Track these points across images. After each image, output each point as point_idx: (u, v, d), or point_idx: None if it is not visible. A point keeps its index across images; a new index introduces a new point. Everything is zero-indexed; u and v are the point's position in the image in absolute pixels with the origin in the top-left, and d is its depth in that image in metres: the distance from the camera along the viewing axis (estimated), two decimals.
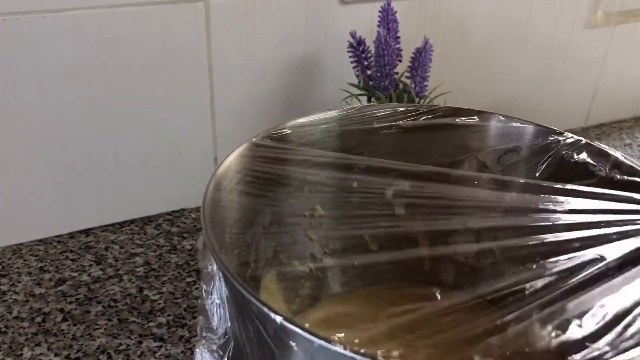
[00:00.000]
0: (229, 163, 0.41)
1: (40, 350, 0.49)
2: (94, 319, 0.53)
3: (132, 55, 0.59)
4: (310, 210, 0.49)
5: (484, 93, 0.82)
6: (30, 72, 0.55)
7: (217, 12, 0.61)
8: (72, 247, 0.62)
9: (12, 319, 0.53)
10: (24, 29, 0.54)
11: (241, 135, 0.45)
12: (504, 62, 0.81)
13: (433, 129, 0.49)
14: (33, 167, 0.59)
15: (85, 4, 0.55)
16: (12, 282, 0.57)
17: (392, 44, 0.61)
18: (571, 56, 0.85)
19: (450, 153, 0.49)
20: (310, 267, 0.49)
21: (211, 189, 0.38)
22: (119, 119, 0.61)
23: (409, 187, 0.49)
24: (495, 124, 0.49)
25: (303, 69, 0.68)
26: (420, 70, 0.63)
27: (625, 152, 0.85)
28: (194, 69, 0.62)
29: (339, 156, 0.48)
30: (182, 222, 0.67)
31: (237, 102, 0.66)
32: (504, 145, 0.49)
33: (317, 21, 0.66)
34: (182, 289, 0.57)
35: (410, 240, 0.50)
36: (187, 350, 0.50)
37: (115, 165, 0.63)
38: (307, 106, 0.70)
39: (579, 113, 0.92)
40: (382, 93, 0.63)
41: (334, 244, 0.50)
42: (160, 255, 0.61)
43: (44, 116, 0.57)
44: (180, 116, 0.64)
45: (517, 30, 0.80)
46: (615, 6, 0.85)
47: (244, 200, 0.43)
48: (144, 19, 0.58)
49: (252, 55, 0.64)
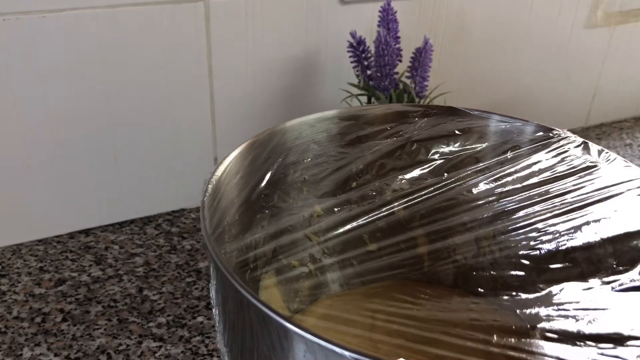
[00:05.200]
0: (229, 163, 0.41)
1: (40, 351, 0.50)
2: (93, 319, 0.53)
3: (132, 55, 0.59)
4: (309, 210, 0.49)
5: (484, 93, 0.82)
6: (30, 72, 0.55)
7: (217, 12, 0.61)
8: (72, 247, 0.62)
9: (12, 319, 0.53)
10: (24, 29, 0.54)
11: (241, 135, 0.45)
12: (504, 62, 0.81)
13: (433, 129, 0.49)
14: (33, 167, 0.59)
15: (85, 4, 0.55)
16: (12, 282, 0.57)
17: (392, 44, 0.61)
18: (571, 56, 0.85)
19: (450, 153, 0.49)
20: (309, 267, 0.49)
21: (211, 189, 0.38)
22: (119, 119, 0.61)
23: (408, 187, 0.49)
24: (495, 123, 0.49)
25: (303, 69, 0.68)
26: (420, 70, 0.63)
27: (625, 152, 0.86)
28: (194, 69, 0.62)
29: (339, 156, 0.48)
30: (182, 222, 0.67)
31: (237, 102, 0.66)
32: (503, 145, 0.49)
33: (317, 21, 0.66)
34: (182, 289, 0.57)
35: (409, 240, 0.50)
36: (187, 350, 0.50)
37: (115, 165, 0.63)
38: (307, 106, 0.70)
39: (579, 113, 0.92)
40: (382, 93, 0.63)
41: (333, 244, 0.50)
42: (160, 255, 0.61)
43: (44, 116, 0.57)
44: (180, 116, 0.64)
45: (517, 30, 0.80)
46: (615, 6, 0.85)
47: (243, 200, 0.43)
48: (144, 19, 0.58)
49: (252, 55, 0.64)
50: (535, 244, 0.47)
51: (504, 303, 0.48)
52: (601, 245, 0.44)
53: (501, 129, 0.48)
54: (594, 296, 0.43)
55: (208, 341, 0.51)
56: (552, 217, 0.46)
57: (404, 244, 0.50)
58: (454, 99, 0.66)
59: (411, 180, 0.49)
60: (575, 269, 0.45)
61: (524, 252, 0.48)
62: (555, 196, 0.46)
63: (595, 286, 0.43)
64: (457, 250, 0.50)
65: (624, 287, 0.42)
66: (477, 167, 0.49)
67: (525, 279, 0.48)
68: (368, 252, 0.51)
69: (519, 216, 0.47)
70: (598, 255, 0.44)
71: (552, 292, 0.45)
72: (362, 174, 0.49)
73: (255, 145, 0.44)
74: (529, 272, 0.47)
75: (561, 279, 0.45)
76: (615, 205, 0.44)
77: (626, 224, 0.43)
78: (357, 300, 0.49)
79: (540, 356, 0.42)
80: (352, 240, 0.50)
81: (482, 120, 0.49)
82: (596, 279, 0.43)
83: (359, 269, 0.51)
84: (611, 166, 0.45)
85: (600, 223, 0.44)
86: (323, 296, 0.50)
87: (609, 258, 0.43)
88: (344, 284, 0.51)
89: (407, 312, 0.46)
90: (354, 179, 0.49)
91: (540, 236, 0.47)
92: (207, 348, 0.50)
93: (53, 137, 0.59)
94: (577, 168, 0.46)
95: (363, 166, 0.49)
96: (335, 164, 0.49)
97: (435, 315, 0.46)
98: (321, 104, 0.70)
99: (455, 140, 0.49)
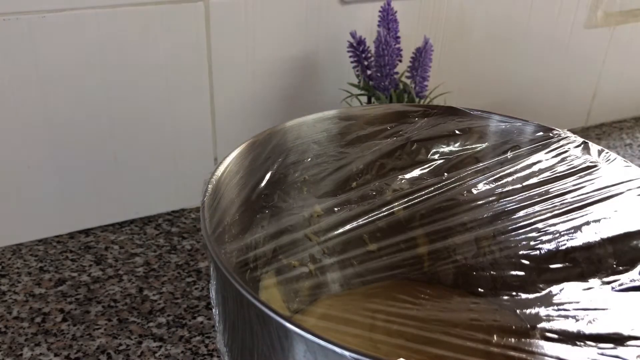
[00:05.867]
0: (229, 163, 0.41)
1: (40, 351, 0.50)
2: (93, 319, 0.53)
3: (132, 55, 0.59)
4: (309, 210, 0.49)
5: (484, 93, 0.82)
6: (30, 72, 0.55)
7: (217, 12, 0.61)
8: (72, 247, 0.62)
9: (12, 319, 0.53)
10: (24, 29, 0.54)
11: (241, 135, 0.45)
12: (504, 62, 0.81)
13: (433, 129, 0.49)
14: (33, 167, 0.59)
15: (85, 4, 0.55)
16: (12, 282, 0.57)
17: (392, 44, 0.61)
18: (571, 56, 0.85)
19: (450, 153, 0.49)
20: (309, 267, 0.50)
21: (211, 189, 0.38)
22: (119, 119, 0.61)
23: (408, 187, 0.49)
24: (495, 123, 0.49)
25: (303, 69, 0.68)
26: (420, 70, 0.63)
27: (625, 152, 0.86)
28: (194, 69, 0.62)
29: (339, 156, 0.48)
30: (182, 222, 0.67)
31: (237, 102, 0.66)
32: (503, 145, 0.49)
33: (317, 21, 0.66)
34: (182, 289, 0.57)
35: (409, 239, 0.50)
36: (187, 351, 0.50)
37: (115, 165, 0.63)
38: (307, 106, 0.70)
39: (579, 113, 0.92)
40: (382, 93, 0.63)
41: (333, 244, 0.50)
42: (160, 255, 0.61)
43: (44, 116, 0.57)
44: (180, 116, 0.64)
45: (517, 30, 0.80)
46: (615, 6, 0.85)
47: (243, 200, 0.43)
48: (144, 19, 0.58)
49: (252, 55, 0.64)
50: (535, 244, 0.47)
51: (504, 303, 0.48)
52: (601, 245, 0.44)
53: (501, 129, 0.48)
54: (594, 296, 0.43)
55: (208, 341, 0.51)
56: (552, 217, 0.46)
57: (404, 244, 0.50)
58: (454, 99, 0.66)
59: (411, 180, 0.49)
60: (575, 269, 0.45)
61: (524, 252, 0.48)
62: (555, 196, 0.46)
63: (595, 286, 0.43)
64: (457, 250, 0.50)
65: (624, 287, 0.42)
66: (477, 167, 0.49)
67: (525, 279, 0.48)
68: (368, 252, 0.51)
69: (519, 216, 0.47)
70: (598, 255, 0.44)
71: (552, 292, 0.45)
72: (362, 174, 0.49)
73: (255, 145, 0.44)
74: (529, 272, 0.47)
75: (561, 279, 0.45)
76: (615, 205, 0.43)
77: (626, 224, 0.43)
78: (357, 300, 0.49)
79: (540, 356, 0.42)
80: (352, 240, 0.50)
81: (482, 120, 0.49)
82: (596, 279, 0.43)
83: (359, 269, 0.51)
84: (611, 166, 0.45)
85: (600, 223, 0.44)
86: (323, 296, 0.50)
87: (609, 258, 0.43)
88: (344, 284, 0.51)
89: (407, 312, 0.46)
90: (354, 179, 0.49)
91: (540, 236, 0.47)
92: (207, 348, 0.50)
93: (53, 137, 0.59)
94: (577, 168, 0.46)
95: (363, 166, 0.49)
96: (335, 164, 0.49)
97: (435, 315, 0.46)
98: (321, 104, 0.70)
99: (455, 140, 0.49)
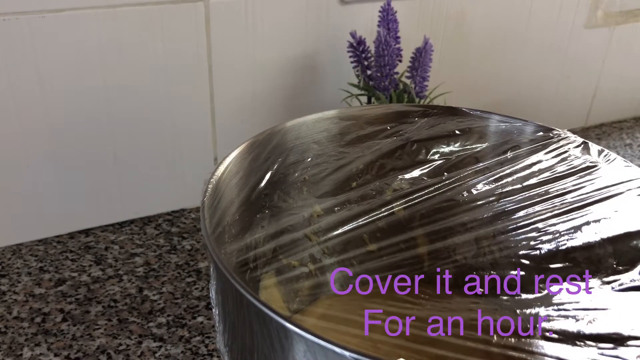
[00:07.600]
0: (229, 163, 0.41)
1: (40, 351, 0.50)
2: (93, 319, 0.53)
3: (132, 55, 0.59)
4: (309, 210, 0.49)
5: (484, 93, 0.82)
6: (30, 72, 0.55)
7: (217, 12, 0.61)
8: (72, 247, 0.62)
9: (12, 319, 0.53)
10: (24, 29, 0.54)
11: (241, 135, 0.45)
12: (504, 62, 0.81)
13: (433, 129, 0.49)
14: (33, 166, 0.59)
15: (85, 4, 0.55)
16: (12, 283, 0.57)
17: (392, 44, 0.61)
18: (571, 56, 0.85)
19: (450, 153, 0.49)
20: (309, 267, 0.50)
21: (211, 189, 0.38)
22: (119, 119, 0.61)
23: (408, 187, 0.49)
24: (495, 123, 0.49)
25: (303, 69, 0.68)
26: (420, 70, 0.63)
27: (625, 152, 0.86)
28: (194, 69, 0.62)
29: (338, 156, 0.48)
30: (182, 222, 0.67)
31: (237, 102, 0.66)
32: (503, 145, 0.49)
33: (317, 21, 0.66)
34: (182, 289, 0.57)
35: (409, 239, 0.50)
36: (187, 351, 0.50)
37: (115, 165, 0.63)
38: (307, 106, 0.70)
39: (579, 113, 0.92)
40: (382, 93, 0.63)
41: (333, 244, 0.50)
42: (160, 255, 0.61)
43: (44, 116, 0.57)
44: (180, 116, 0.64)
45: (517, 30, 0.80)
46: (615, 6, 0.85)
47: (243, 200, 0.43)
48: (144, 19, 0.58)
49: (252, 55, 0.64)
50: (535, 244, 0.47)
51: (504, 303, 0.48)
52: (601, 245, 0.44)
53: (501, 129, 0.48)
54: (594, 296, 0.43)
55: (208, 341, 0.51)
56: (552, 217, 0.46)
57: (404, 244, 0.50)
58: (454, 99, 0.66)
59: (411, 180, 0.49)
60: (575, 269, 0.45)
61: (524, 252, 0.48)
62: (555, 196, 0.46)
63: (595, 286, 0.43)
64: (457, 250, 0.50)
65: (624, 287, 0.42)
66: (477, 167, 0.49)
67: (525, 279, 0.48)
68: (368, 252, 0.51)
69: (519, 216, 0.47)
70: (598, 255, 0.44)
71: (552, 292, 0.45)
72: (362, 174, 0.49)
73: (255, 145, 0.44)
74: (529, 272, 0.47)
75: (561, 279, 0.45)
76: (615, 205, 0.44)
77: (626, 224, 0.43)
78: (357, 300, 0.49)
79: (540, 356, 0.42)
80: (352, 240, 0.50)
81: (482, 120, 0.49)
82: (596, 279, 0.43)
83: (359, 269, 0.51)
84: (611, 166, 0.45)
85: (600, 223, 0.44)
86: (323, 296, 0.50)
87: (609, 258, 0.43)
88: (344, 284, 0.51)
89: (407, 312, 0.46)
90: (354, 179, 0.49)
91: (540, 236, 0.47)
92: (207, 348, 0.50)
93: (53, 137, 0.59)
94: (577, 168, 0.46)
95: (363, 166, 0.49)
96: (335, 164, 0.49)
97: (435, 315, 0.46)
98: (321, 104, 0.70)
99: (455, 140, 0.49)
